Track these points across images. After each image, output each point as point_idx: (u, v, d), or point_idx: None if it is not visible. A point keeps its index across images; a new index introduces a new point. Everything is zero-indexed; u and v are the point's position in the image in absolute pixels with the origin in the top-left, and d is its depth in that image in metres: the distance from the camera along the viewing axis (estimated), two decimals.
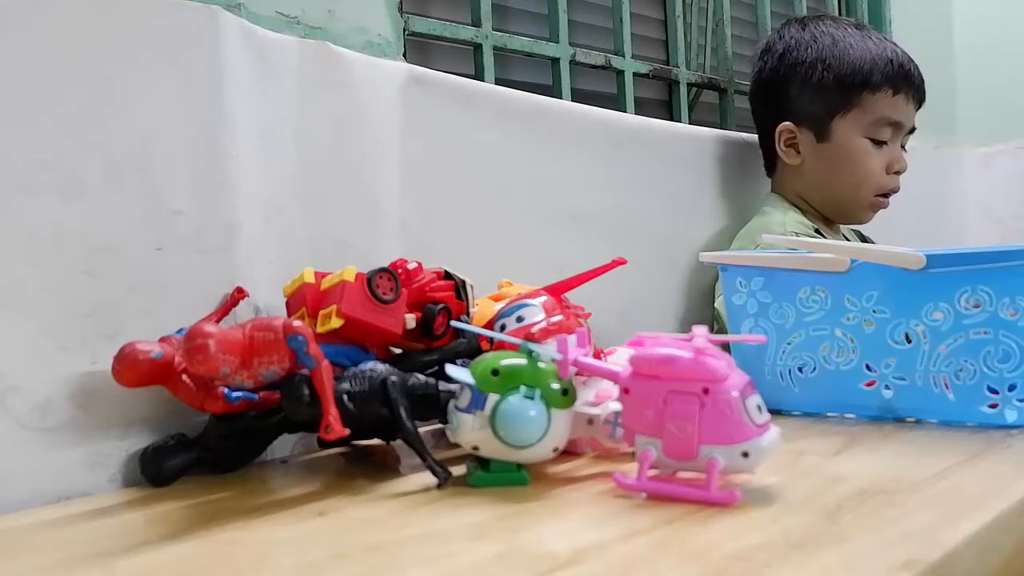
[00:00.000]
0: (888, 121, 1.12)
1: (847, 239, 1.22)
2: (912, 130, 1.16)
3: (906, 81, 1.12)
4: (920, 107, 1.16)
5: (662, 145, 1.06)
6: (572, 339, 0.52)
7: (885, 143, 1.12)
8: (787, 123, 1.14)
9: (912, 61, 1.14)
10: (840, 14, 1.57)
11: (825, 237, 1.12)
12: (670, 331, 0.51)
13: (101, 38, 0.58)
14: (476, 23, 0.96)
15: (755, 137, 1.20)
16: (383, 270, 0.60)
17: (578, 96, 1.07)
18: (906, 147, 1.16)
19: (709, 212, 1.13)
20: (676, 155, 1.09)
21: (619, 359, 0.55)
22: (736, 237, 1.12)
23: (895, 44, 1.16)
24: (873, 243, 1.20)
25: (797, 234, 1.07)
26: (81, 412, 0.55)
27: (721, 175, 1.15)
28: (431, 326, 0.62)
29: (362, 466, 0.61)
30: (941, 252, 0.67)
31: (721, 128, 1.26)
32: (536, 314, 0.62)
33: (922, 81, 1.14)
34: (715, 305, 1.06)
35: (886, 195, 1.15)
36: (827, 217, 1.18)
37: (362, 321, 0.59)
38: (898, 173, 1.14)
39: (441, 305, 0.63)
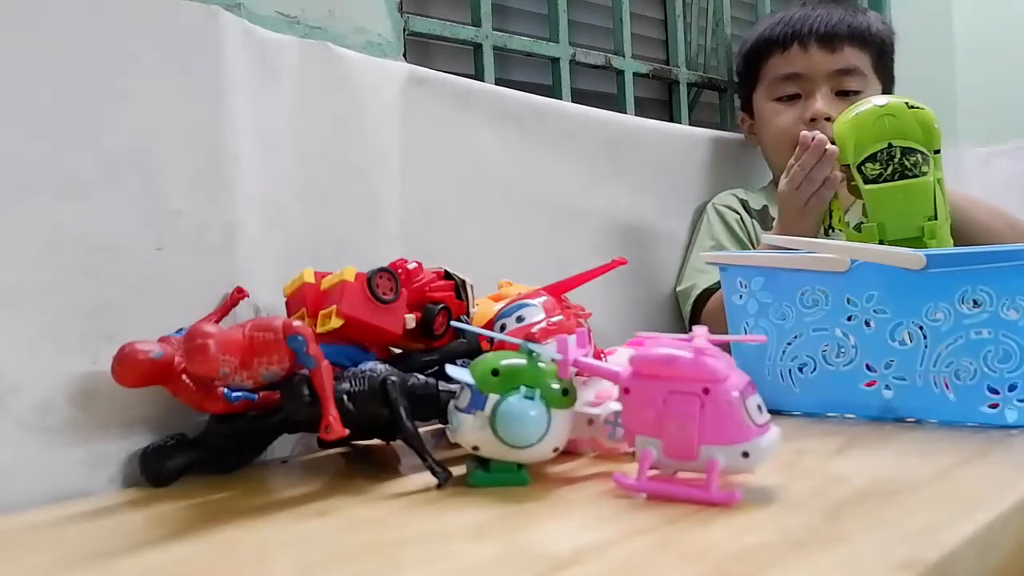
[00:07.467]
0: (783, 76, 1.08)
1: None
2: (847, 71, 1.06)
3: (795, 32, 1.06)
4: (834, 47, 1.05)
5: (661, 145, 1.06)
6: (572, 339, 0.52)
7: (797, 98, 1.07)
8: (741, 113, 1.20)
9: (824, 9, 1.06)
10: None
11: (755, 210, 1.08)
12: (670, 331, 0.51)
13: (101, 38, 0.58)
14: (476, 23, 0.96)
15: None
16: (383, 270, 0.60)
17: (578, 96, 1.07)
18: (851, 92, 1.05)
19: None
20: (675, 155, 1.09)
21: (619, 359, 0.55)
22: None
23: (828, 8, 1.08)
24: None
25: (731, 208, 1.08)
26: (81, 412, 0.55)
27: (721, 175, 1.15)
28: (431, 326, 0.63)
29: (362, 466, 0.61)
30: (941, 252, 0.67)
31: (721, 128, 1.26)
32: (536, 314, 0.62)
33: (828, 24, 1.05)
34: (676, 289, 1.05)
35: None
36: None
37: (362, 321, 0.59)
38: (814, 120, 1.04)
39: (441, 305, 0.63)
